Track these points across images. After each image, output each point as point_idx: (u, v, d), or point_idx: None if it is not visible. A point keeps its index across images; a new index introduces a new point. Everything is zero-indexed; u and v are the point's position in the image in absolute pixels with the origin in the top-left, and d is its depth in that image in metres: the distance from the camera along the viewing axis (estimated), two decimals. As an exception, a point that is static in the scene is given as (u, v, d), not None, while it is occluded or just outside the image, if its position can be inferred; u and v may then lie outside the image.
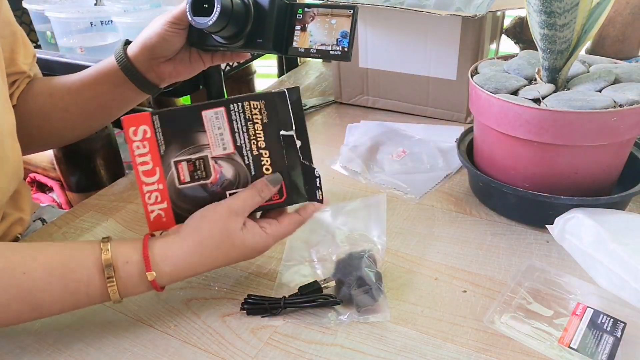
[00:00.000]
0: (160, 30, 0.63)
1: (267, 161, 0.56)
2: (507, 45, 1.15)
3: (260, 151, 0.56)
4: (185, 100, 1.43)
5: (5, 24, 0.67)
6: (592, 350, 0.49)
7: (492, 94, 0.63)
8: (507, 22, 1.13)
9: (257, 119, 0.56)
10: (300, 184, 0.57)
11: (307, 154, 0.57)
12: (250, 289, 0.59)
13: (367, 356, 0.51)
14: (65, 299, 0.50)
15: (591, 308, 0.52)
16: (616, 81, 0.64)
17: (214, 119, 0.55)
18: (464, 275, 0.60)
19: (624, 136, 0.61)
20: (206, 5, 0.58)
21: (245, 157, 0.56)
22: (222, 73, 0.92)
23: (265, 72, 1.93)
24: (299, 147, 0.57)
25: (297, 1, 0.63)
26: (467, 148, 0.76)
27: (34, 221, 0.80)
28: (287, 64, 1.42)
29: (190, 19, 0.59)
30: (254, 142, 0.56)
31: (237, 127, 0.56)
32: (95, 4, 1.07)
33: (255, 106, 0.55)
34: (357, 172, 0.81)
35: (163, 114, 0.55)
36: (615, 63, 0.70)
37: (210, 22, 0.58)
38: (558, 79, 0.65)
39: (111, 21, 0.97)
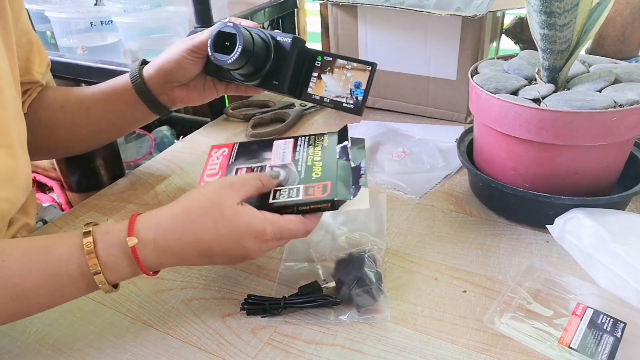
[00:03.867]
0: (179, 57, 0.64)
1: (319, 169, 0.58)
2: (507, 45, 1.15)
3: (315, 162, 0.59)
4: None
5: (23, 33, 0.66)
6: (592, 351, 0.49)
7: (492, 94, 0.63)
8: (507, 22, 1.13)
9: (318, 144, 0.62)
10: (347, 187, 0.55)
11: (358, 173, 0.57)
12: (250, 289, 0.59)
13: (367, 356, 0.51)
14: (47, 284, 0.47)
15: (591, 308, 0.52)
16: (616, 81, 0.64)
17: (281, 144, 0.62)
18: (464, 275, 0.60)
19: (624, 136, 0.61)
20: (228, 43, 0.59)
21: (299, 166, 0.58)
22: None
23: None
24: (351, 157, 0.59)
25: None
26: (467, 148, 0.76)
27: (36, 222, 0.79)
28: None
29: (210, 54, 0.60)
30: (310, 157, 0.60)
31: (299, 148, 0.61)
32: (95, 4, 1.07)
33: (320, 137, 0.63)
34: (357, 172, 0.81)
35: (243, 144, 0.64)
36: (615, 63, 0.70)
37: (230, 60, 0.59)
38: (558, 79, 0.65)
39: (111, 21, 0.97)
